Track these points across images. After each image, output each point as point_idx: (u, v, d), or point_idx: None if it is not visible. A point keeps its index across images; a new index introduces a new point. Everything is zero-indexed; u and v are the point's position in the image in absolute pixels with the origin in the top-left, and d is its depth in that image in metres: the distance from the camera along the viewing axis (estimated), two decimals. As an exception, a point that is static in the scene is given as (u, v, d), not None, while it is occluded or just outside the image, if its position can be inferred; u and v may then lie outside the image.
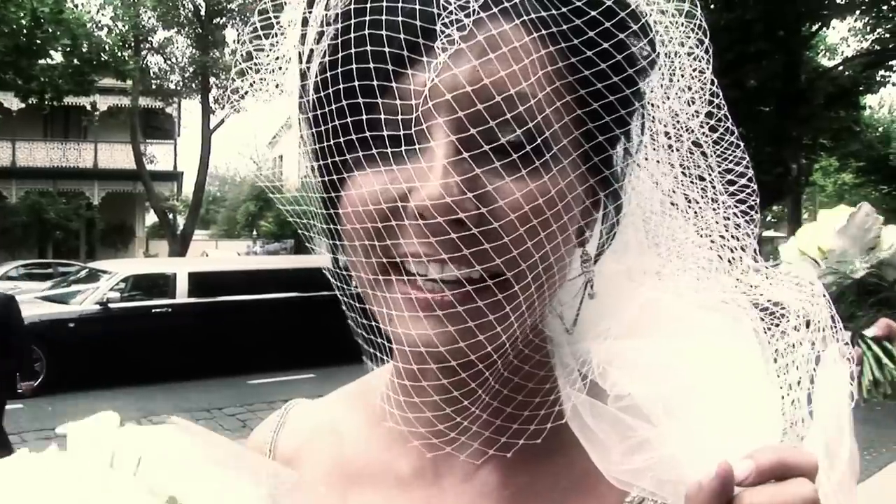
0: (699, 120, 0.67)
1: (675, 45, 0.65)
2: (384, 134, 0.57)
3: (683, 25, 0.65)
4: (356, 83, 0.57)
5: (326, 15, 0.63)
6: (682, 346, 0.59)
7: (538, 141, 0.57)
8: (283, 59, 0.68)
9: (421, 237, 0.57)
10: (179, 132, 35.67)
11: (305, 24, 0.64)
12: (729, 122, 0.68)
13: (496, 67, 0.56)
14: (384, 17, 0.56)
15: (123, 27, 20.45)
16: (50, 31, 17.59)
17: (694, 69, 0.67)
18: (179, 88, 29.15)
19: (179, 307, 12.59)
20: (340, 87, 0.58)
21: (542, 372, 0.66)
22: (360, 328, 0.68)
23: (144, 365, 11.75)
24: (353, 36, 0.58)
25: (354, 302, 0.67)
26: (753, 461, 0.51)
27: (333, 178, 0.62)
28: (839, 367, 0.59)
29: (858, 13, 19.85)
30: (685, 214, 0.68)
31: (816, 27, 20.02)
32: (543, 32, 0.58)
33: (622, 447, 0.58)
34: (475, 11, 0.56)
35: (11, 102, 25.49)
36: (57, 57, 19.19)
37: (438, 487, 0.71)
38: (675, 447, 0.55)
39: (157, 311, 12.51)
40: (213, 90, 28.20)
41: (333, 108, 0.59)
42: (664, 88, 0.66)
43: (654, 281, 0.65)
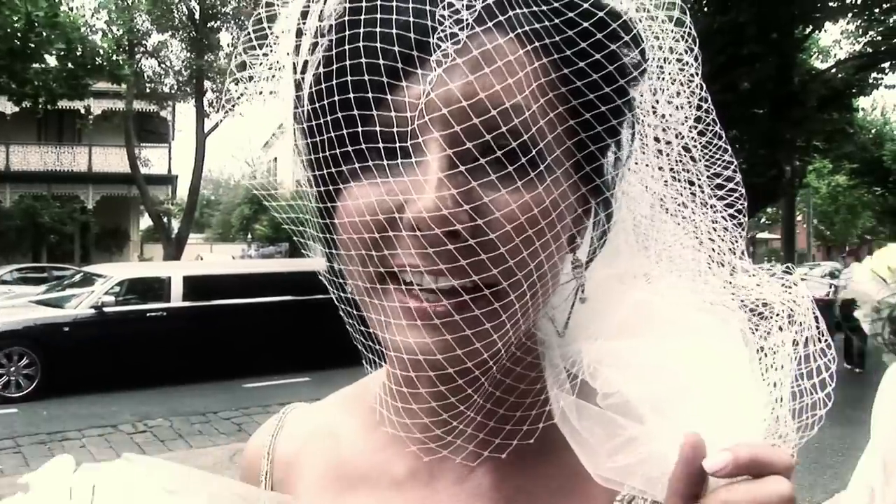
0: (688, 124, 0.68)
1: (665, 51, 0.66)
2: (380, 146, 0.58)
3: (673, 32, 0.66)
4: (351, 95, 0.58)
5: (321, 26, 0.64)
6: (671, 346, 0.60)
7: (533, 153, 0.57)
8: (276, 66, 0.68)
9: (417, 248, 0.57)
10: (174, 136, 35.61)
11: (300, 34, 0.65)
12: (717, 126, 0.69)
13: (491, 81, 0.56)
14: (378, 29, 0.57)
15: (118, 31, 20.38)
16: (44, 34, 17.53)
17: (684, 75, 0.67)
18: (174, 92, 29.06)
19: (174, 311, 12.55)
20: (336, 98, 0.59)
21: (533, 373, 0.67)
22: (357, 333, 0.69)
23: (140, 369, 11.73)
24: (347, 48, 0.58)
25: (351, 308, 0.68)
26: (731, 453, 0.52)
27: (329, 188, 0.62)
28: None
29: (851, 16, 19.89)
30: (675, 217, 0.69)
31: (809, 30, 20.05)
32: (537, 45, 0.59)
33: (609, 446, 0.59)
34: (469, 25, 0.56)
35: (5, 106, 25.40)
36: (51, 61, 19.11)
37: (432, 489, 0.72)
38: (662, 444, 0.56)
39: (152, 314, 12.47)
40: (207, 94, 28.15)
41: (329, 119, 0.60)
42: (654, 94, 0.67)
43: (644, 283, 0.66)
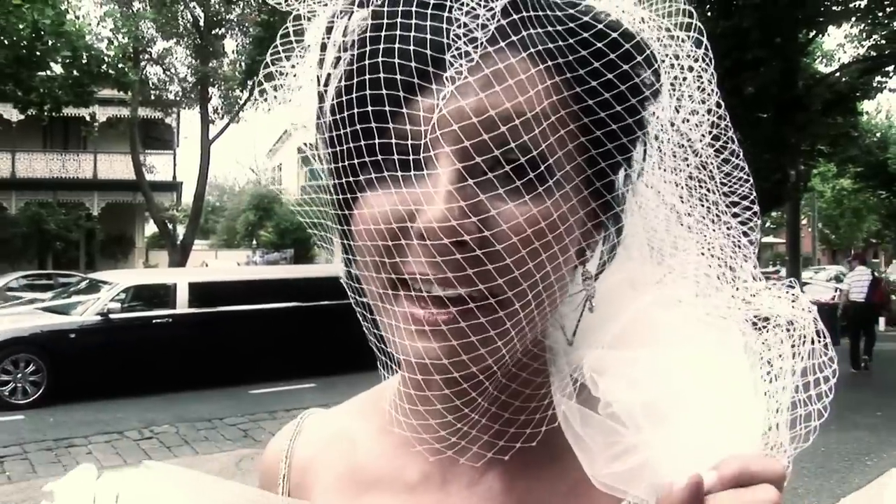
0: (706, 141, 0.69)
1: (677, 69, 0.67)
2: (394, 158, 0.60)
3: (687, 43, 0.66)
4: (369, 108, 0.60)
5: (344, 41, 0.66)
6: (670, 355, 0.61)
7: (541, 168, 0.59)
8: (300, 77, 0.71)
9: (426, 256, 0.59)
10: (179, 142, 35.72)
11: (324, 49, 0.67)
12: (735, 144, 0.70)
13: (503, 98, 0.58)
14: (396, 45, 0.59)
15: (123, 38, 20.47)
16: (50, 43, 17.59)
17: (701, 92, 0.68)
18: (178, 99, 29.15)
19: (180, 317, 12.60)
20: (355, 111, 0.61)
21: (538, 379, 0.69)
22: (373, 337, 0.71)
23: (145, 375, 11.77)
24: (367, 63, 0.60)
25: (366, 312, 0.70)
26: (717, 472, 0.54)
27: (347, 196, 0.65)
28: None
29: (854, 20, 19.85)
30: (689, 231, 0.70)
31: (813, 34, 20.04)
32: (550, 63, 0.60)
33: (608, 453, 0.60)
34: (484, 45, 0.58)
35: (11, 114, 25.52)
36: (56, 68, 19.18)
37: (445, 493, 0.74)
38: (658, 452, 0.58)
39: (157, 321, 12.51)
40: (212, 100, 28.27)
41: (348, 130, 0.62)
42: (670, 111, 0.68)
43: (653, 291, 0.67)
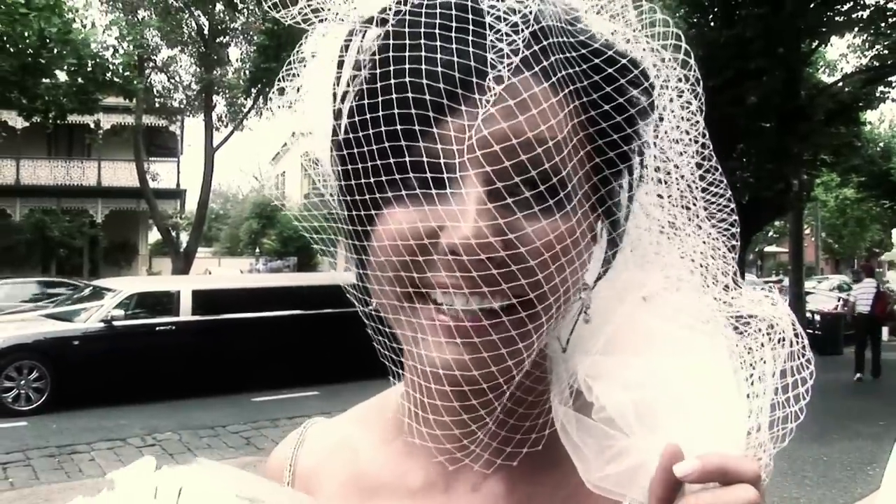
0: (686, 158, 0.73)
1: (668, 94, 0.71)
2: (426, 175, 0.62)
3: (678, 71, 0.71)
4: (398, 127, 0.62)
5: (359, 60, 0.68)
6: (659, 360, 0.64)
7: (568, 189, 0.63)
8: (304, 86, 0.73)
9: (449, 271, 0.62)
10: (182, 150, 35.86)
11: (341, 66, 0.69)
12: (714, 160, 0.74)
13: (534, 124, 0.61)
14: (423, 66, 0.61)
15: (128, 46, 20.52)
16: (56, 50, 17.64)
17: (686, 113, 0.72)
18: (183, 106, 29.19)
19: (183, 325, 12.62)
20: (382, 129, 0.62)
21: (541, 386, 0.71)
22: (381, 347, 0.73)
23: (149, 382, 11.78)
24: (393, 82, 0.62)
25: (379, 324, 0.72)
26: (700, 461, 0.57)
27: (370, 213, 0.66)
28: None
29: (857, 30, 19.84)
30: (672, 239, 0.74)
31: (816, 44, 20.04)
32: (569, 90, 0.64)
33: (602, 456, 0.63)
34: (509, 76, 0.61)
35: (16, 121, 25.53)
36: (62, 76, 19.23)
37: (448, 497, 0.75)
38: (648, 455, 0.60)
39: (161, 328, 12.54)
40: (216, 108, 28.32)
41: (374, 147, 0.63)
42: (658, 131, 0.72)
43: (640, 300, 0.70)
